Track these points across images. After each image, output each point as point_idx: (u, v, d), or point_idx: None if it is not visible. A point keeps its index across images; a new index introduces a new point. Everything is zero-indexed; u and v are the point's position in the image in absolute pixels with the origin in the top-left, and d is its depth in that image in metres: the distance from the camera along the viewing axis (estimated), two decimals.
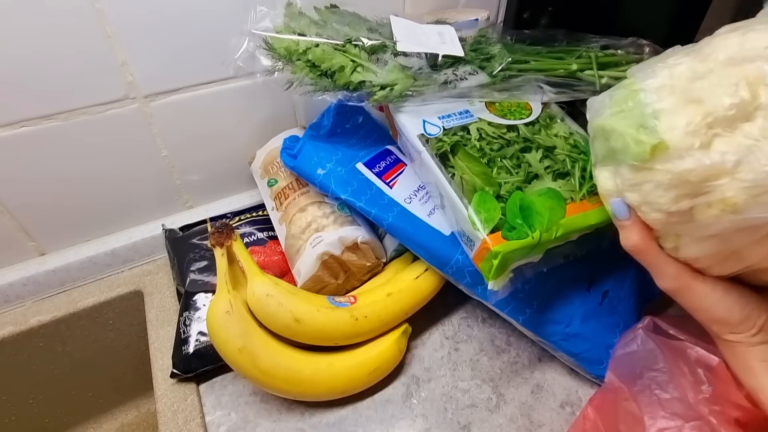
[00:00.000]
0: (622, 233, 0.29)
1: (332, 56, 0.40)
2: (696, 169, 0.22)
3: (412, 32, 0.44)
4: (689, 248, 0.26)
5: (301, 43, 0.41)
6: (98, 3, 0.43)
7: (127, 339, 0.59)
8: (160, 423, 0.41)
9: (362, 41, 0.41)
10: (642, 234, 0.28)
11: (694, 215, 0.23)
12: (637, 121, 0.24)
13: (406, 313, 0.45)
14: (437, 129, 0.41)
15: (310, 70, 0.41)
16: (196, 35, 0.49)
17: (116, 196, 0.55)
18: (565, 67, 0.45)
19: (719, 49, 0.24)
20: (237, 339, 0.38)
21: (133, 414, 0.64)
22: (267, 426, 0.42)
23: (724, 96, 0.22)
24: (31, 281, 0.53)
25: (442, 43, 0.44)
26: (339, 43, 0.41)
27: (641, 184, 0.25)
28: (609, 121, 0.26)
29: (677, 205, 0.24)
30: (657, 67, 0.25)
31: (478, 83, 0.43)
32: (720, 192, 0.22)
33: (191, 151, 0.56)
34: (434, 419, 0.42)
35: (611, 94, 0.27)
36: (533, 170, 0.38)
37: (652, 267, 0.29)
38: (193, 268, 0.51)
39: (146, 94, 0.49)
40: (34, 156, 0.47)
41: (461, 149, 0.39)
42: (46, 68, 0.44)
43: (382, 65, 0.41)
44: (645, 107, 0.24)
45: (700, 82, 0.23)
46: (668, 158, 0.23)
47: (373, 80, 0.40)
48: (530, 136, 0.41)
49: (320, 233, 0.45)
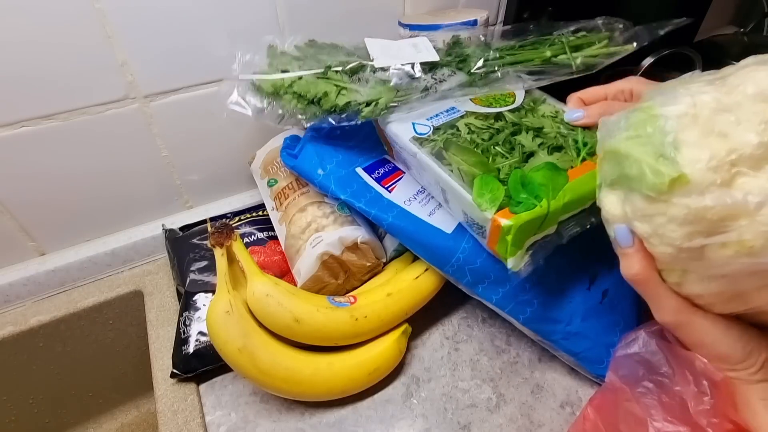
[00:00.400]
0: (624, 261, 0.28)
1: (316, 84, 0.42)
2: (716, 207, 0.21)
3: (387, 49, 0.46)
4: (694, 285, 0.25)
5: (286, 79, 0.43)
6: (98, 3, 0.43)
7: (127, 339, 0.59)
8: (160, 423, 0.41)
9: (341, 66, 0.44)
10: (644, 264, 0.26)
11: (705, 253, 0.22)
12: (657, 149, 0.23)
13: (406, 313, 0.45)
14: (427, 128, 0.41)
15: (297, 101, 0.43)
16: (196, 35, 0.49)
17: (116, 195, 0.55)
18: (539, 55, 0.46)
19: (747, 82, 0.22)
20: (237, 339, 0.38)
21: (133, 414, 0.64)
22: (267, 426, 0.42)
23: (752, 133, 0.21)
24: (31, 281, 0.53)
25: (417, 52, 0.46)
26: (320, 72, 0.43)
27: (653, 216, 0.24)
28: (624, 145, 0.25)
29: (690, 241, 0.22)
30: (679, 93, 0.24)
31: (457, 83, 0.44)
32: (737, 233, 0.21)
33: (191, 151, 0.56)
34: (434, 419, 0.41)
35: (627, 116, 0.26)
36: (527, 149, 0.38)
37: (653, 299, 0.28)
38: (193, 268, 0.51)
39: (146, 94, 0.49)
40: (34, 156, 0.47)
41: (453, 144, 0.39)
42: (46, 68, 0.44)
43: (364, 84, 0.43)
44: (666, 135, 0.23)
45: (725, 115, 0.22)
46: (687, 193, 0.22)
47: (358, 99, 0.41)
48: (518, 121, 0.41)
49: (320, 233, 0.45)
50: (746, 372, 0.26)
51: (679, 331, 0.28)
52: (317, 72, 0.43)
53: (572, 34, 0.48)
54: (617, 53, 0.46)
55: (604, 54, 0.46)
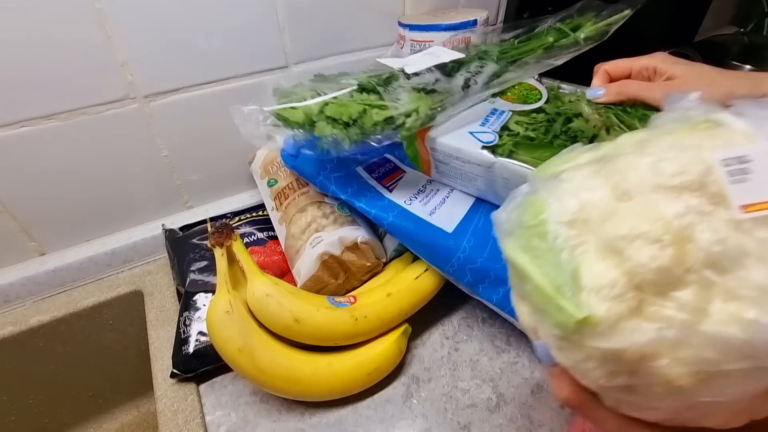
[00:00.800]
0: (552, 381, 0.24)
1: (348, 106, 0.39)
2: (630, 349, 0.18)
3: (406, 61, 0.45)
4: (633, 412, 0.21)
5: (314, 105, 0.39)
6: (98, 3, 0.43)
7: (127, 339, 0.59)
8: (160, 423, 0.41)
9: (371, 81, 0.41)
10: (574, 387, 0.23)
11: (636, 390, 0.19)
12: (556, 274, 0.19)
13: (406, 313, 0.45)
14: (491, 135, 0.40)
15: (332, 126, 0.39)
16: (196, 35, 0.49)
17: (116, 196, 0.55)
18: (542, 43, 0.47)
19: (630, 175, 0.19)
20: (237, 339, 0.38)
21: (133, 414, 0.64)
22: (267, 426, 0.42)
23: (646, 252, 0.17)
24: (31, 281, 0.53)
25: (437, 57, 0.45)
26: (351, 91, 0.41)
27: (570, 350, 0.20)
28: (521, 260, 0.21)
29: (613, 381, 0.19)
30: (564, 187, 0.21)
31: (492, 72, 0.44)
32: (663, 373, 0.17)
33: (191, 151, 0.56)
34: (434, 419, 0.41)
35: (519, 215, 0.22)
36: (587, 134, 0.39)
37: (593, 421, 0.24)
38: (193, 268, 0.50)
39: (146, 94, 0.49)
40: (34, 156, 0.47)
41: (523, 145, 0.39)
42: (46, 68, 0.44)
43: (397, 97, 0.40)
44: (560, 254, 0.20)
45: (614, 224, 0.19)
46: (599, 336, 0.18)
47: (396, 112, 0.39)
48: (559, 110, 0.42)
49: (320, 233, 0.45)
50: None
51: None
52: (348, 91, 0.41)
53: (560, 22, 0.49)
54: (616, 22, 0.46)
55: (604, 25, 0.46)
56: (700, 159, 0.18)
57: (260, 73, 0.55)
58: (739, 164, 0.17)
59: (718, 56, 0.63)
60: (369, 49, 0.61)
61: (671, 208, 0.17)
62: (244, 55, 0.53)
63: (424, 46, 0.55)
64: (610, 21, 0.46)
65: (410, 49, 0.57)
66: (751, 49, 0.67)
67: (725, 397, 0.17)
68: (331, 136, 0.38)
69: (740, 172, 0.17)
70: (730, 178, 0.17)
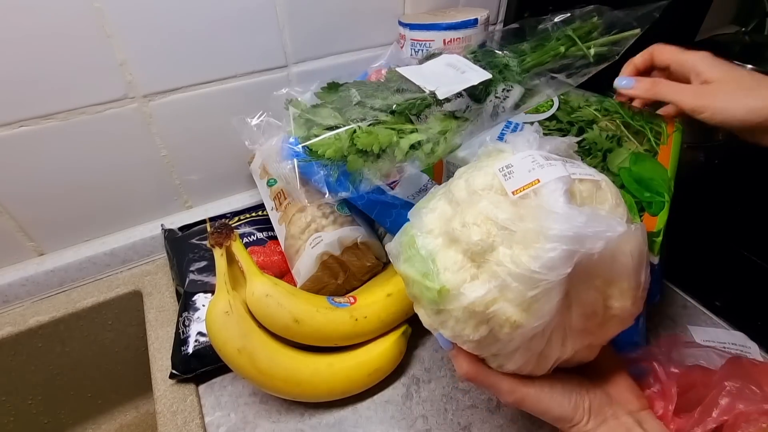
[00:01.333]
0: (454, 364, 0.30)
1: (377, 134, 0.37)
2: (475, 302, 0.25)
3: (427, 76, 0.42)
4: (509, 363, 0.28)
5: (342, 137, 0.37)
6: (97, 2, 0.43)
7: (126, 339, 0.59)
8: (160, 424, 0.41)
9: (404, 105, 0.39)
10: (469, 361, 0.29)
11: (496, 336, 0.26)
12: (422, 266, 0.27)
13: (406, 313, 0.45)
14: None
15: (364, 160, 0.37)
16: (195, 35, 0.49)
17: (115, 195, 0.54)
18: (553, 52, 0.44)
19: (456, 192, 0.29)
20: (236, 339, 0.38)
21: (132, 415, 0.64)
22: (266, 427, 0.41)
23: (472, 233, 0.26)
24: (29, 281, 0.53)
25: (461, 73, 0.42)
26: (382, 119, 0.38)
27: (446, 321, 0.27)
28: (403, 269, 0.29)
29: (478, 332, 0.26)
30: (423, 212, 0.30)
31: (518, 96, 0.42)
32: (502, 314, 0.25)
33: (190, 151, 0.56)
34: (434, 420, 0.41)
35: (400, 240, 0.30)
36: (600, 147, 0.38)
37: (490, 389, 0.30)
38: (193, 269, 0.50)
39: (145, 94, 0.49)
40: (33, 156, 0.47)
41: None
42: (44, 67, 0.43)
43: (423, 120, 0.39)
44: (422, 251, 0.28)
45: (452, 223, 0.27)
46: (453, 298, 0.26)
47: (424, 138, 0.38)
48: (571, 119, 0.41)
49: (320, 233, 0.45)
50: (582, 425, 0.28)
51: (522, 406, 0.29)
52: (381, 120, 0.38)
53: (565, 25, 0.46)
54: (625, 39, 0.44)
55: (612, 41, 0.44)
56: (491, 172, 0.28)
57: (260, 72, 0.55)
58: (507, 170, 0.27)
59: (720, 56, 0.63)
60: (369, 49, 0.61)
61: (480, 203, 0.26)
62: (243, 55, 0.53)
63: (425, 46, 0.55)
64: (618, 37, 0.44)
65: (410, 48, 0.57)
66: (752, 48, 0.66)
67: (546, 317, 0.24)
68: (361, 172, 0.37)
69: (508, 173, 0.27)
70: (503, 178, 0.27)
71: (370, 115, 0.39)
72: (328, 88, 0.45)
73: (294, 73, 0.57)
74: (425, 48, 0.56)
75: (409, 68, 0.44)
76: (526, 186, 0.26)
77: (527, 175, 0.26)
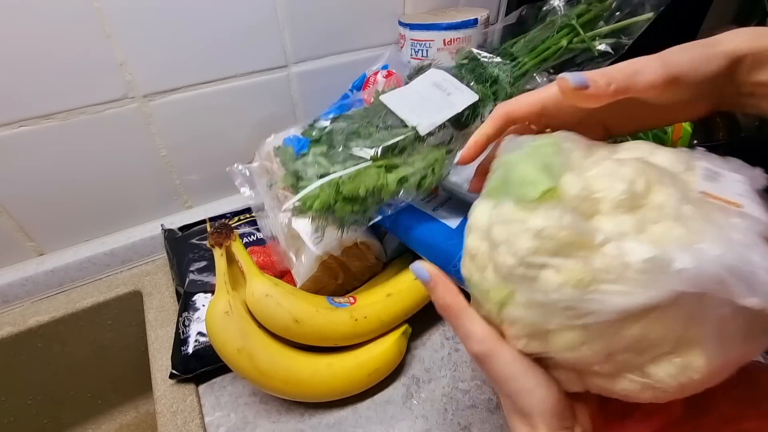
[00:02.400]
0: (433, 296, 0.28)
1: (361, 177, 0.37)
2: (568, 229, 0.21)
3: (413, 102, 0.41)
4: (515, 309, 0.24)
5: (326, 189, 0.37)
6: (97, 2, 0.43)
7: (126, 339, 0.59)
8: (159, 424, 0.41)
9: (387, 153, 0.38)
10: (449, 290, 0.27)
11: (539, 274, 0.22)
12: (544, 162, 0.24)
13: (406, 313, 0.45)
14: None
15: (351, 207, 0.37)
16: (195, 35, 0.49)
17: (115, 196, 0.54)
18: (554, 44, 0.43)
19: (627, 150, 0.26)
20: (236, 340, 0.38)
21: (132, 415, 0.64)
22: (266, 427, 0.41)
23: (620, 182, 0.22)
24: (29, 281, 0.53)
25: (447, 95, 0.41)
26: (365, 165, 0.38)
27: (513, 223, 0.24)
28: (517, 157, 0.26)
29: (533, 256, 0.22)
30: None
31: None
32: (574, 263, 0.21)
33: (190, 151, 0.56)
34: (434, 420, 0.41)
35: (534, 138, 0.27)
36: None
37: (462, 327, 0.26)
38: (193, 269, 0.50)
39: (145, 94, 0.49)
40: (33, 156, 0.47)
41: None
42: (44, 67, 0.43)
43: (412, 159, 0.38)
44: (557, 156, 0.24)
45: (607, 164, 0.24)
46: (552, 207, 0.22)
47: (411, 172, 0.38)
48: None
49: (319, 233, 0.45)
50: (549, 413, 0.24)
51: (486, 362, 0.25)
52: (363, 166, 0.38)
53: (570, 7, 0.44)
54: (637, 26, 0.42)
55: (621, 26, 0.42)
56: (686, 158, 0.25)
57: (260, 72, 0.55)
58: (712, 172, 0.24)
59: None
60: (369, 49, 0.61)
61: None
62: (243, 55, 0.53)
63: (425, 46, 0.55)
64: (627, 23, 0.41)
65: (410, 48, 0.57)
66: None
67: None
68: (350, 216, 0.37)
69: (713, 175, 0.23)
70: (703, 173, 0.24)
71: (354, 158, 0.38)
72: (315, 131, 0.43)
73: (294, 73, 0.57)
74: (425, 48, 0.56)
75: (394, 94, 0.43)
76: (724, 199, 0.22)
77: (732, 193, 0.22)
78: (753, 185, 0.23)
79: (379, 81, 0.53)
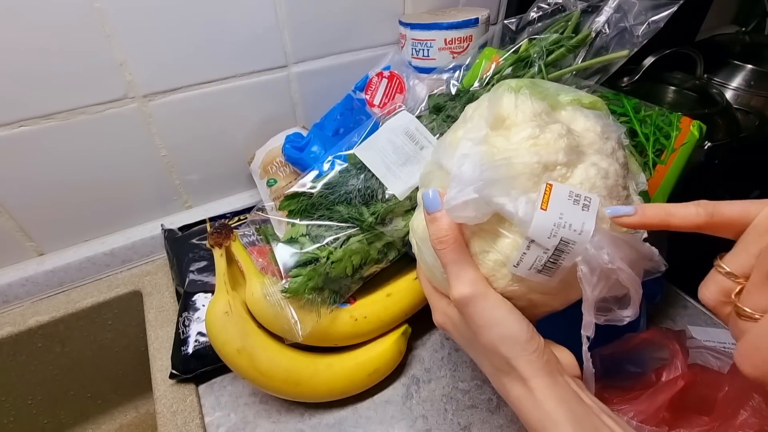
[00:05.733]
0: (432, 227, 0.27)
1: (349, 257, 0.38)
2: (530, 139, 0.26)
3: (384, 152, 0.41)
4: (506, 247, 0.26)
5: (314, 274, 0.38)
6: (97, 2, 0.43)
7: (126, 339, 0.59)
8: (159, 424, 0.41)
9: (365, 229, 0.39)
10: (452, 225, 0.26)
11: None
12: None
13: (406, 313, 0.45)
14: None
15: (338, 284, 0.40)
16: (195, 35, 0.49)
17: (115, 195, 0.54)
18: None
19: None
20: (236, 340, 0.38)
21: (132, 415, 0.64)
22: (266, 427, 0.41)
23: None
24: (29, 281, 0.53)
25: (420, 149, 0.41)
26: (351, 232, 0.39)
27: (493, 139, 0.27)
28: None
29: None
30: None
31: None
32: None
33: (190, 151, 0.56)
34: (434, 420, 0.41)
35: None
36: None
37: (455, 266, 0.26)
38: (192, 269, 0.50)
39: (145, 94, 0.49)
40: (33, 156, 0.47)
41: None
42: (44, 67, 0.43)
43: (389, 222, 0.41)
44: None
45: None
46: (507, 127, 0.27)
47: (397, 235, 0.40)
48: None
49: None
50: (534, 354, 0.25)
51: (471, 306, 0.26)
52: (347, 236, 0.39)
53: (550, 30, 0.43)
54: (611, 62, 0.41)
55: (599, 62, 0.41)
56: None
57: (260, 72, 0.55)
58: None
59: (720, 55, 0.63)
60: (369, 49, 0.61)
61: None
62: (243, 55, 0.53)
63: (426, 45, 0.55)
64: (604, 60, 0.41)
65: (411, 48, 0.57)
66: (752, 48, 0.66)
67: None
68: (333, 296, 0.40)
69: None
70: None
71: (337, 233, 0.39)
72: (290, 198, 0.43)
73: (294, 73, 0.57)
74: (426, 48, 0.55)
75: (368, 146, 0.42)
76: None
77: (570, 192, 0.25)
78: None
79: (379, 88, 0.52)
